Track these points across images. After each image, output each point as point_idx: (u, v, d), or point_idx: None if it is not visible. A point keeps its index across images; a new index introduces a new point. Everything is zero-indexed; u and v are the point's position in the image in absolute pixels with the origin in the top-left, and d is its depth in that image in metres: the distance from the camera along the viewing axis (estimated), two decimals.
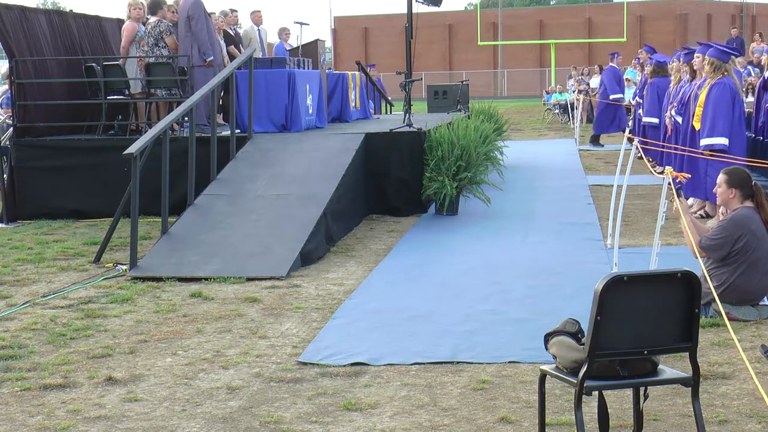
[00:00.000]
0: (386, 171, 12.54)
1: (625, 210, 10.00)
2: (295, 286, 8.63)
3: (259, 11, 16.84)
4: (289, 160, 11.83)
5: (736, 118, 11.10)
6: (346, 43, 69.01)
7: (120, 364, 6.38)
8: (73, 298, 8.33)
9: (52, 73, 13.57)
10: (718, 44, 12.58)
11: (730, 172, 7.24)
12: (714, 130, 11.09)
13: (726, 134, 10.99)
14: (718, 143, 11.02)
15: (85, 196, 12.68)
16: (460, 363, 6.24)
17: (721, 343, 6.45)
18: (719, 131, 11.03)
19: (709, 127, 11.14)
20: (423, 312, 7.61)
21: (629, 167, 10.01)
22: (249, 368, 6.22)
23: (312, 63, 14.99)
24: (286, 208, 10.41)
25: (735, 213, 7.08)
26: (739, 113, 11.18)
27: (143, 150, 9.80)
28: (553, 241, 10.58)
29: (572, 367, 4.33)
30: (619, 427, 4.98)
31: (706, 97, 11.29)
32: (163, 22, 13.27)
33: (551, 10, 74.00)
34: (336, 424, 5.21)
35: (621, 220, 9.44)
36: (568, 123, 31.04)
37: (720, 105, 11.05)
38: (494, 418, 5.22)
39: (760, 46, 20.76)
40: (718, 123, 11.05)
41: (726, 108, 11.02)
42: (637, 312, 4.20)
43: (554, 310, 7.17)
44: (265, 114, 13.35)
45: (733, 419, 5.09)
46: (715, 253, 7.03)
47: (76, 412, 5.46)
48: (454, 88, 20.40)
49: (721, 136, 11.00)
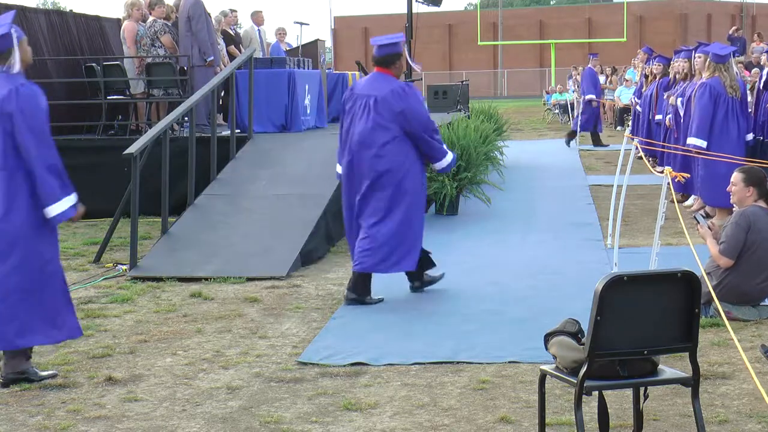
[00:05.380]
0: None
1: (625, 210, 10.00)
2: (295, 286, 8.63)
3: (261, 12, 16.84)
4: (289, 160, 11.82)
5: (719, 118, 11.19)
6: (346, 43, 69.01)
7: (120, 364, 6.38)
8: (73, 298, 8.30)
9: (52, 73, 13.57)
10: (719, 45, 12.62)
11: (747, 170, 7.25)
12: (691, 131, 11.35)
13: (701, 136, 11.17)
14: (694, 144, 11.27)
15: (85, 196, 12.54)
16: (460, 363, 6.24)
17: (721, 343, 6.45)
18: (695, 132, 11.27)
19: (690, 128, 11.40)
20: (423, 312, 7.61)
21: (629, 167, 10.01)
22: (249, 368, 6.22)
23: (312, 63, 14.99)
24: (286, 208, 10.41)
25: (744, 209, 7.08)
26: (726, 112, 11.22)
27: (143, 150, 9.80)
28: (553, 241, 10.58)
29: (572, 367, 4.33)
30: (619, 427, 4.98)
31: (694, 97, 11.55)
32: (158, 21, 13.27)
33: (551, 10, 74.03)
34: (336, 424, 5.21)
35: (621, 220, 9.44)
36: (568, 123, 31.03)
37: (698, 106, 11.27)
38: (494, 418, 5.22)
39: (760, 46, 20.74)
40: (694, 124, 11.30)
41: (705, 110, 11.17)
42: (637, 312, 4.20)
43: (554, 310, 7.17)
44: (265, 114, 13.34)
45: (733, 419, 5.10)
46: (735, 251, 7.01)
47: (76, 412, 5.46)
48: (454, 88, 20.40)
49: (697, 138, 11.20)
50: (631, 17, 56.33)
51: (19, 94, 5.77)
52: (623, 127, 24.72)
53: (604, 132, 23.88)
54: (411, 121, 7.91)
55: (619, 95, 27.46)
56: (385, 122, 7.89)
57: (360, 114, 7.98)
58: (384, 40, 8.21)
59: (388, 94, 7.90)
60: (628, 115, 23.71)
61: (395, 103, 7.87)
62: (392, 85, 7.97)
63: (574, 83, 33.38)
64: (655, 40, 45.91)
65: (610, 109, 29.48)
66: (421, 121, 7.97)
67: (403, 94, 7.93)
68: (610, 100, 29.03)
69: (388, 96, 7.89)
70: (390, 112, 7.89)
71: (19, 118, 5.76)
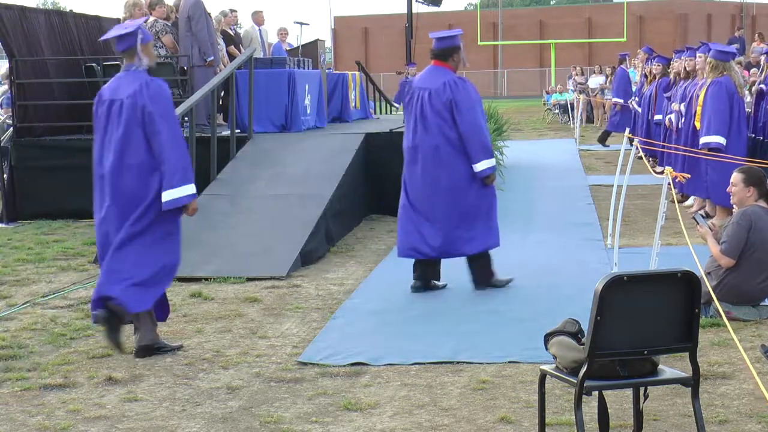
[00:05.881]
0: (386, 171, 12.52)
1: (625, 210, 10.00)
2: (295, 286, 8.63)
3: (261, 12, 16.85)
4: (289, 160, 11.82)
5: (734, 117, 11.10)
6: (346, 43, 68.97)
7: (120, 364, 6.38)
8: (73, 298, 8.33)
9: (52, 73, 13.56)
10: (718, 45, 12.59)
11: (747, 170, 7.25)
12: (710, 129, 11.13)
13: (722, 133, 11.00)
14: (714, 141, 11.04)
15: (85, 196, 12.52)
16: (460, 363, 6.24)
17: (721, 343, 6.45)
18: (714, 130, 11.07)
19: (706, 126, 11.18)
20: (423, 312, 7.61)
21: (629, 167, 10.01)
22: (249, 368, 6.22)
23: (312, 63, 14.99)
24: (286, 208, 10.40)
25: (745, 209, 7.08)
26: (738, 113, 11.17)
27: None
28: (553, 241, 10.58)
29: (572, 367, 4.33)
30: (619, 427, 4.98)
31: (704, 96, 11.33)
32: (159, 21, 13.26)
33: (551, 10, 73.98)
34: (336, 424, 5.21)
35: (621, 220, 9.44)
36: (568, 123, 31.04)
37: (716, 104, 11.09)
38: (494, 418, 5.22)
39: (761, 46, 20.73)
40: (713, 122, 11.09)
41: (722, 107, 11.04)
42: (637, 312, 4.20)
43: (554, 310, 7.17)
44: (265, 114, 13.34)
45: (733, 419, 5.10)
46: (736, 251, 7.01)
47: (76, 412, 5.46)
48: None
49: (717, 135, 11.03)
50: (631, 17, 56.30)
51: (149, 87, 6.40)
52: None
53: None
54: (458, 115, 8.03)
55: None
56: (438, 114, 8.05)
57: (415, 106, 8.20)
58: (443, 33, 8.45)
59: (440, 87, 8.08)
60: None
61: (446, 95, 8.04)
62: (446, 78, 8.13)
63: (573, 83, 33.39)
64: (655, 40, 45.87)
65: (610, 109, 29.44)
66: (467, 117, 8.07)
67: (455, 87, 8.09)
68: (610, 100, 29.00)
69: (440, 88, 8.07)
70: (441, 104, 8.05)
71: (151, 108, 6.35)
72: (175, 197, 6.39)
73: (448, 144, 8.07)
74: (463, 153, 8.07)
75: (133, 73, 6.50)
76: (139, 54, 6.50)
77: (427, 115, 8.11)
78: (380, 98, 21.63)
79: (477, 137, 8.06)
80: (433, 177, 8.12)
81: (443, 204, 8.11)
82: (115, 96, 6.50)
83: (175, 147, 6.40)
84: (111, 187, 6.42)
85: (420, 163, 8.17)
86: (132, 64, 6.53)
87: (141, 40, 6.51)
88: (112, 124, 6.46)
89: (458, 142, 8.07)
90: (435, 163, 8.10)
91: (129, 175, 6.39)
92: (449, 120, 8.06)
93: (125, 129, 6.40)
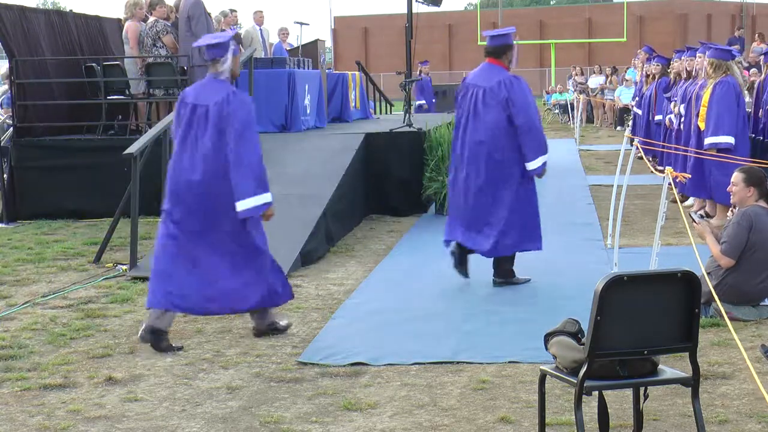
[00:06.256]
0: (386, 171, 12.54)
1: (625, 210, 10.00)
2: (295, 286, 8.61)
3: (261, 11, 16.86)
4: (289, 160, 11.82)
5: (741, 117, 11.04)
6: (346, 43, 68.98)
7: (120, 364, 6.38)
8: (73, 298, 8.32)
9: (52, 73, 13.55)
10: (718, 45, 12.57)
11: (748, 170, 7.25)
12: (719, 129, 10.92)
13: (732, 133, 10.87)
14: (724, 142, 10.85)
15: (85, 196, 12.66)
16: (460, 363, 6.24)
17: (721, 343, 6.45)
18: (725, 130, 10.90)
19: (714, 126, 10.98)
20: (423, 312, 7.61)
21: (629, 167, 10.01)
22: (249, 368, 6.22)
23: (312, 63, 14.99)
24: (286, 208, 10.37)
25: (746, 209, 7.08)
26: (743, 112, 11.14)
27: (143, 150, 9.80)
28: (553, 241, 10.56)
29: (572, 367, 4.33)
30: (619, 427, 4.98)
31: (710, 96, 11.18)
32: (159, 21, 13.26)
33: (551, 10, 73.99)
34: (336, 424, 5.21)
35: (621, 220, 9.44)
36: (568, 123, 31.05)
37: (725, 104, 10.94)
38: (494, 418, 5.22)
39: (760, 46, 20.73)
40: (723, 122, 10.89)
41: (731, 107, 10.94)
42: (637, 312, 4.20)
43: (554, 310, 7.17)
44: (265, 114, 13.33)
45: (733, 419, 5.10)
46: (737, 250, 7.01)
47: (76, 412, 5.46)
48: (455, 88, 20.39)
49: (727, 135, 10.87)
50: (631, 17, 56.30)
51: (236, 97, 6.64)
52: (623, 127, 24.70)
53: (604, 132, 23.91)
54: (515, 113, 8.12)
55: (619, 95, 27.44)
56: (491, 112, 8.14)
57: (469, 102, 8.28)
58: (497, 31, 8.63)
59: (495, 85, 8.18)
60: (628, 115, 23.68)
61: (502, 94, 8.13)
62: (501, 76, 8.24)
63: (573, 83, 33.40)
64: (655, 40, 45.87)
65: (610, 109, 29.48)
66: (524, 114, 8.16)
67: (509, 85, 8.18)
68: (610, 100, 29.03)
69: (495, 87, 8.17)
70: (496, 102, 8.14)
71: (233, 119, 6.55)
72: (251, 206, 6.56)
73: (496, 141, 8.17)
74: (511, 151, 8.18)
75: (219, 82, 6.70)
76: (229, 64, 6.71)
77: (480, 111, 8.21)
78: (380, 98, 21.61)
79: (534, 134, 8.19)
80: (477, 173, 8.24)
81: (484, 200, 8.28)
82: (198, 101, 6.68)
83: (254, 155, 6.59)
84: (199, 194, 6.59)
85: (465, 160, 8.30)
86: (219, 73, 6.71)
87: (233, 52, 6.74)
88: (199, 129, 6.64)
89: (507, 140, 8.17)
90: (480, 160, 8.22)
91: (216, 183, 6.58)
92: (503, 118, 8.15)
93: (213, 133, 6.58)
